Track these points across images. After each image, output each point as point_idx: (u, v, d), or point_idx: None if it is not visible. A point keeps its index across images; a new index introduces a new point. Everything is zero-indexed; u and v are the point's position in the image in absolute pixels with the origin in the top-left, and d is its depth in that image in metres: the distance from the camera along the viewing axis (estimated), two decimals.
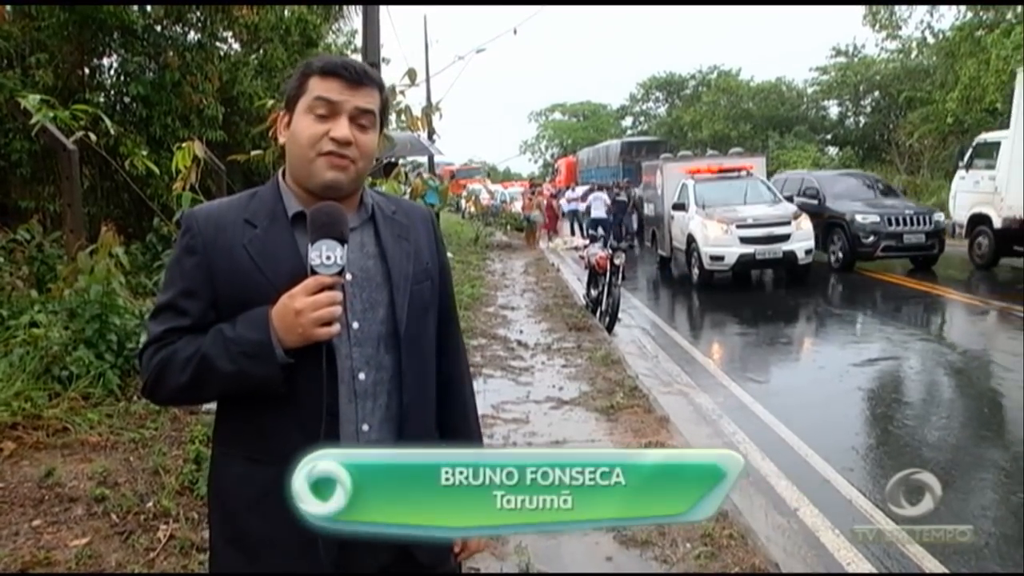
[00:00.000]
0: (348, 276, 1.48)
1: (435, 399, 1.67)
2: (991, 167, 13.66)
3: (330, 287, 1.39)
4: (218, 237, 1.50)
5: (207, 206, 1.61)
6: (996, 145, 13.75)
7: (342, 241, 1.41)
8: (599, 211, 19.90)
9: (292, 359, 1.42)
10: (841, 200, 14.46)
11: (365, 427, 1.51)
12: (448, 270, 1.77)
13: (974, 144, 14.95)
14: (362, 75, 1.52)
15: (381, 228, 1.59)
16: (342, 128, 1.48)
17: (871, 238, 13.44)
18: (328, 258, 1.39)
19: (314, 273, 1.39)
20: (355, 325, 1.50)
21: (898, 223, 13.42)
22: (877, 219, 13.52)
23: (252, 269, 1.48)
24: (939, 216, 13.80)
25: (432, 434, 1.64)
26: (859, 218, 13.65)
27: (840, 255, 13.97)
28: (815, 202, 14.69)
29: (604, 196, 20.22)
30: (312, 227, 1.42)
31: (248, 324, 1.43)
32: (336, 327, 1.41)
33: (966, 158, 14.79)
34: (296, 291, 1.39)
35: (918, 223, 13.49)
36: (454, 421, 1.72)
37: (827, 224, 14.18)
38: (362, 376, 1.51)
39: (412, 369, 1.56)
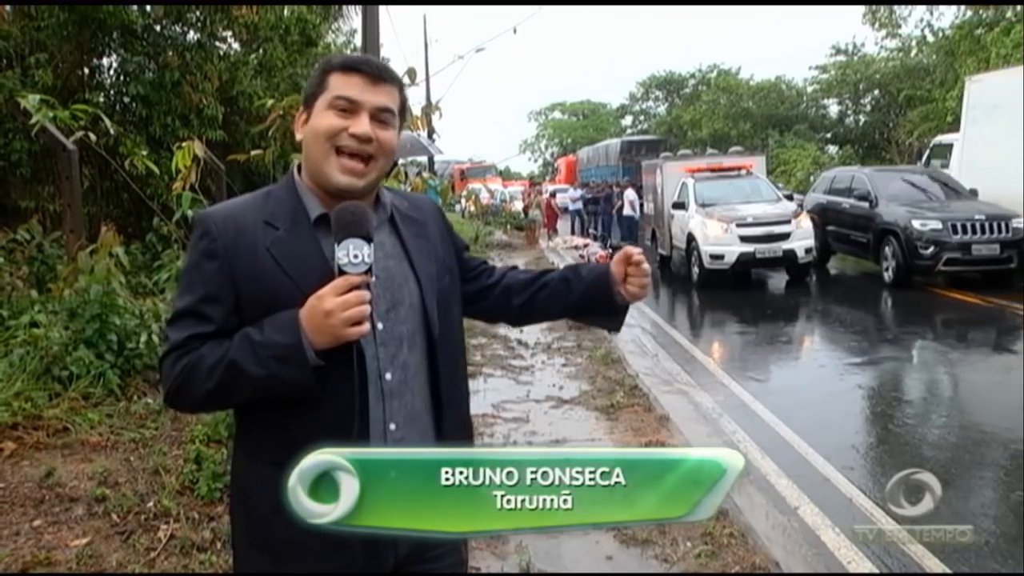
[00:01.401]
0: (372, 278, 1.48)
1: (467, 390, 1.71)
2: (946, 167, 14.63)
3: (358, 286, 1.39)
4: (239, 240, 1.48)
5: (222, 207, 1.59)
6: (949, 147, 15.03)
7: (368, 240, 1.41)
8: (632, 210, 19.55)
9: (323, 362, 1.42)
10: (896, 203, 12.19)
11: (392, 426, 1.52)
12: (464, 244, 1.81)
13: (931, 146, 16.38)
14: (383, 72, 1.52)
15: (402, 228, 1.61)
16: (363, 124, 1.48)
17: (930, 249, 11.24)
18: (356, 257, 1.39)
19: (342, 273, 1.39)
20: (380, 326, 1.51)
21: (965, 231, 11.16)
22: (939, 226, 11.28)
23: (277, 272, 1.47)
24: (1019, 223, 11.24)
25: (467, 428, 1.69)
26: (916, 225, 11.44)
27: (893, 268, 11.79)
28: (865, 204, 12.67)
29: (635, 196, 19.82)
30: (337, 226, 1.41)
31: (277, 327, 1.42)
32: (366, 326, 1.40)
33: (924, 158, 16.00)
34: (325, 292, 1.39)
35: (991, 231, 11.14)
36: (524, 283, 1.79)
37: (879, 231, 12.15)
38: (388, 376, 1.52)
39: (444, 366, 1.58)
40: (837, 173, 14.86)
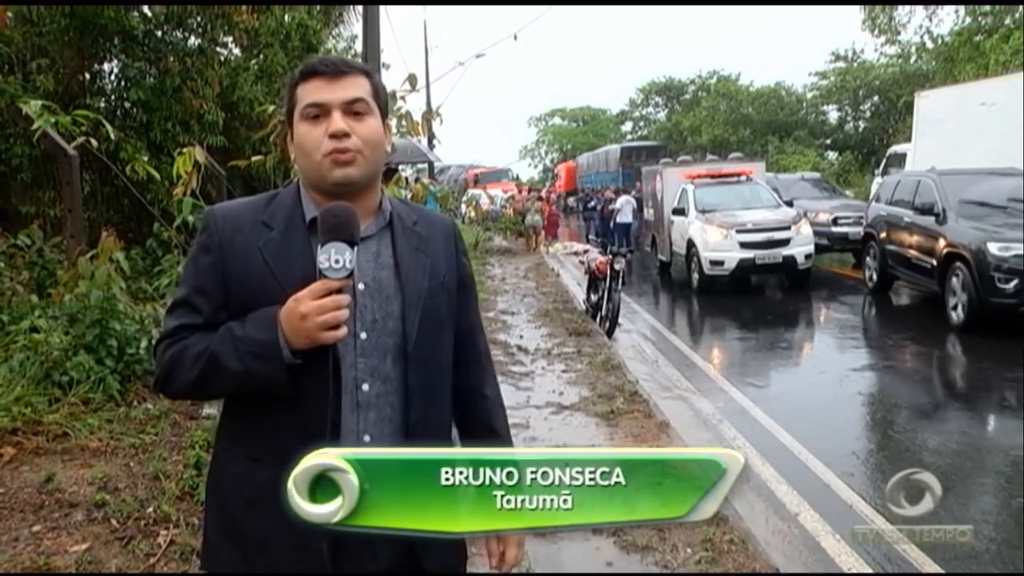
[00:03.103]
0: (360, 286, 1.48)
1: (449, 414, 1.67)
2: None
3: (338, 291, 1.38)
4: (235, 238, 1.51)
5: (228, 205, 1.62)
6: (903, 156, 16.05)
7: (352, 244, 1.40)
8: (626, 216, 19.38)
9: (299, 360, 1.42)
10: (970, 218, 9.18)
11: (367, 438, 1.51)
12: (470, 282, 1.74)
13: (887, 154, 17.58)
14: (341, 65, 1.53)
15: (398, 238, 1.57)
16: (336, 122, 1.48)
17: (1013, 282, 8.23)
18: (337, 261, 1.38)
19: (322, 276, 1.38)
20: (363, 336, 1.50)
21: None
22: None
23: (265, 272, 1.48)
24: None
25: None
26: (993, 249, 8.44)
27: (964, 307, 8.70)
28: (930, 219, 9.75)
29: (633, 200, 19.85)
30: (322, 229, 1.41)
31: (256, 324, 1.44)
32: (343, 331, 1.40)
33: (882, 166, 17.02)
34: (302, 294, 1.39)
35: None
36: (480, 433, 1.73)
37: (945, 256, 9.16)
38: (366, 387, 1.50)
39: (421, 385, 1.55)
40: (902, 178, 11.75)
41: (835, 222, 14.65)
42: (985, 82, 15.24)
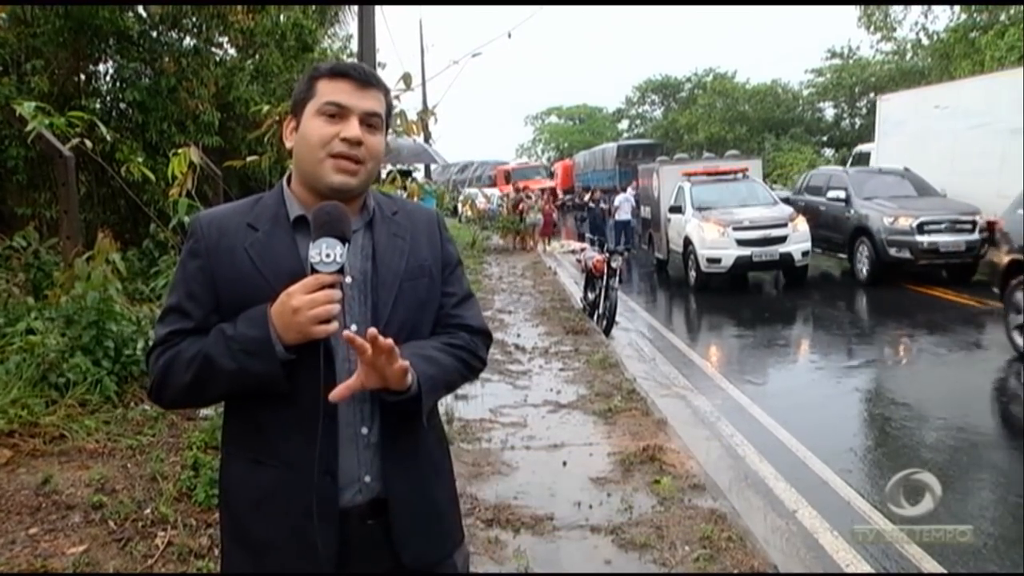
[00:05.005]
0: (348, 279, 1.50)
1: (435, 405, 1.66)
2: None
3: (330, 285, 1.40)
4: (221, 241, 1.53)
5: (214, 210, 1.64)
6: (868, 155, 17.12)
7: (343, 240, 1.42)
8: (625, 214, 19.45)
9: (293, 356, 1.43)
10: None
11: (364, 430, 1.52)
12: (457, 264, 1.72)
13: (854, 153, 19.21)
14: (370, 77, 1.55)
15: (377, 228, 1.60)
16: (353, 128, 1.50)
17: None
18: (328, 256, 1.40)
19: (314, 271, 1.40)
20: (353, 328, 1.50)
21: None
22: None
23: (253, 272, 1.50)
24: None
25: (428, 433, 1.62)
26: None
27: None
28: None
29: (632, 198, 19.89)
30: (314, 225, 1.43)
31: (248, 322, 1.45)
32: (334, 325, 1.41)
33: (848, 164, 18.26)
34: (294, 289, 1.40)
35: None
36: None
37: None
38: None
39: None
40: None
41: (920, 229, 11.26)
42: (940, 86, 16.26)
